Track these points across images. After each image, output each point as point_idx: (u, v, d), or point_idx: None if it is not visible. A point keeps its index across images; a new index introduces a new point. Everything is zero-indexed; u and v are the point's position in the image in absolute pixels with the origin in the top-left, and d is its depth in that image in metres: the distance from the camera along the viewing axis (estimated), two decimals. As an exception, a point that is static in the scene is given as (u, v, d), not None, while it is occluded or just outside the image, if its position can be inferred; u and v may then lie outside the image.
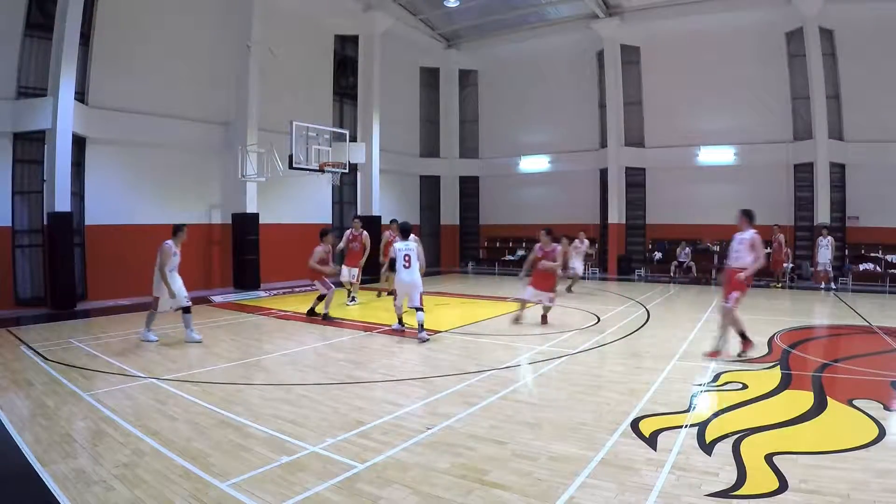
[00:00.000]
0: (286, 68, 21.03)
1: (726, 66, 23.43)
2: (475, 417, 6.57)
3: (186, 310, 11.05)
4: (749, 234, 9.55)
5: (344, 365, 9.31)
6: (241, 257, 19.12)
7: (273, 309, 15.06)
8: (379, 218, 24.01)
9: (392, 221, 16.27)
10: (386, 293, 17.07)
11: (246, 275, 19.07)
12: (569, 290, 18.11)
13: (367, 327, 12.71)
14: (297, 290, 18.91)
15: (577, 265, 18.62)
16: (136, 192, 17.44)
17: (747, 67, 23.16)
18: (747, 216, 9.80)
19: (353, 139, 22.96)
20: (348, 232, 16.41)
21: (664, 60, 24.84)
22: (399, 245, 11.58)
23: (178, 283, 11.06)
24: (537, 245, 12.57)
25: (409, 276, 11.47)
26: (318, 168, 17.64)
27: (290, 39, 21.45)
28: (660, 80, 25.05)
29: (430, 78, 29.52)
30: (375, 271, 19.06)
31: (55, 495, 4.60)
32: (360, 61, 24.72)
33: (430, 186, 29.66)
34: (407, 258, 11.45)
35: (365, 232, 16.36)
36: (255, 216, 19.34)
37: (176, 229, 11.24)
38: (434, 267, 28.30)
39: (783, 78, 22.79)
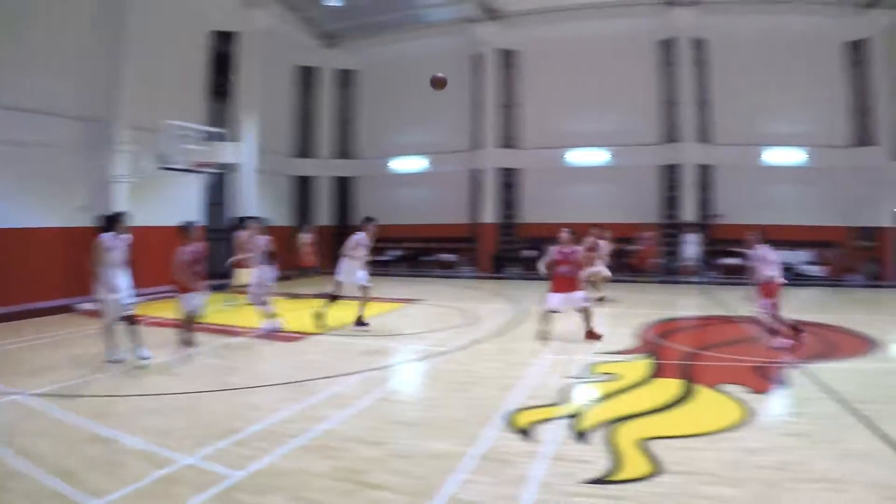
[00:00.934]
0: (160, 64, 20.09)
1: (602, 71, 24.28)
2: (352, 419, 6.47)
3: (130, 320, 9.68)
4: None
5: (217, 371, 8.95)
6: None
7: (144, 315, 14.35)
8: (254, 219, 23.32)
9: (251, 219, 15.63)
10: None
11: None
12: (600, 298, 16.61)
13: (239, 332, 12.29)
14: (165, 295, 18.16)
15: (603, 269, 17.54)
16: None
17: (622, 72, 24.13)
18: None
19: (227, 138, 22.28)
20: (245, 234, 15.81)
21: (542, 65, 25.43)
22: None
23: (120, 283, 9.68)
24: (554, 248, 11.21)
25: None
26: (190, 168, 16.98)
27: (165, 33, 20.50)
28: (537, 84, 25.61)
29: (309, 77, 29.02)
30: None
31: None
32: (237, 59, 23.98)
33: (302, 187, 29.18)
34: None
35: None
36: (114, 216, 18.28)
37: (112, 219, 10.20)
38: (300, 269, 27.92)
39: (655, 83, 23.98)
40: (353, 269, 12.17)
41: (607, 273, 16.14)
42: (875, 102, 22.19)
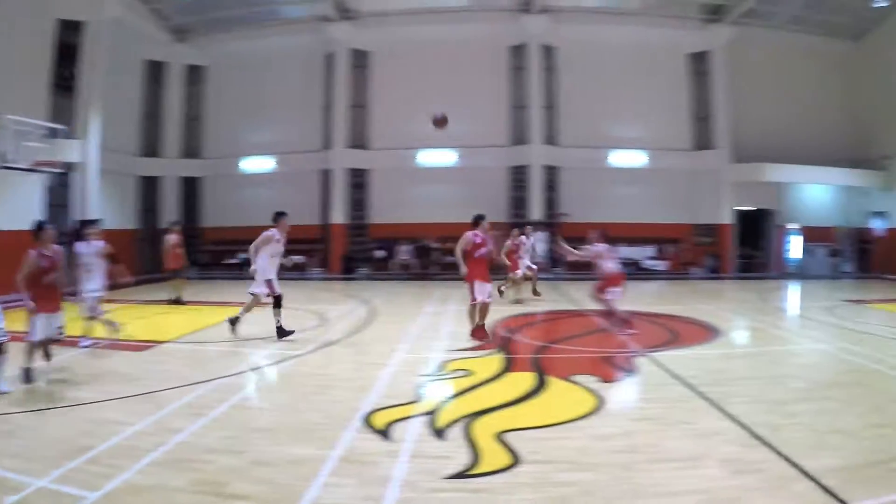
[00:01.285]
0: (0, 55, 18.69)
1: (453, 74, 24.65)
2: (208, 429, 6.20)
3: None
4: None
5: (60, 385, 8.42)
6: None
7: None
8: (96, 222, 22.16)
9: (90, 223, 14.58)
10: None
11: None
12: (535, 292, 16.72)
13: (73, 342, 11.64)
14: (11, 305, 16.94)
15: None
16: None
17: (473, 76, 24.66)
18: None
19: (72, 136, 20.96)
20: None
21: (393, 65, 25.53)
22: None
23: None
24: (471, 232, 10.84)
25: None
26: (30, 167, 15.88)
27: (5, 20, 19.01)
28: (387, 84, 25.68)
29: (156, 72, 27.62)
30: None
31: None
32: (84, 51, 22.59)
33: (149, 187, 27.93)
34: None
35: None
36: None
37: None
38: (153, 273, 26.79)
39: (505, 88, 24.77)
40: (269, 270, 11.28)
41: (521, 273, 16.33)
42: (715, 110, 24.08)
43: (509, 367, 8.42)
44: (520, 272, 16.02)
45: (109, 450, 5.67)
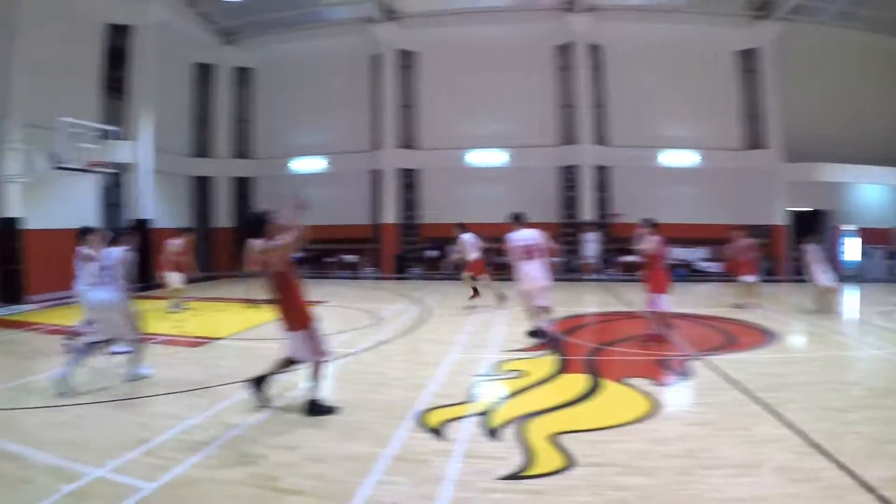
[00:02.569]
0: (53, 59, 19.15)
1: (500, 74, 24.56)
2: (263, 424, 6.32)
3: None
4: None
5: (122, 380, 8.60)
6: (3, 267, 17.15)
7: (42, 323, 13.53)
8: (149, 221, 22.71)
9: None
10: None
11: (10, 287, 17.04)
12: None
13: (142, 338, 11.86)
14: (64, 300, 17.34)
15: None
16: None
17: (520, 76, 24.50)
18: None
19: (123, 137, 21.46)
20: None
21: (440, 66, 25.53)
22: None
23: (92, 299, 8.70)
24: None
25: None
26: (84, 168, 16.28)
27: (57, 27, 19.58)
28: (435, 85, 25.69)
29: (205, 74, 28.21)
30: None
31: None
32: (133, 54, 23.15)
33: (201, 188, 28.41)
34: None
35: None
36: (20, 221, 17.39)
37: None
38: (207, 271, 27.21)
39: (552, 87, 24.50)
40: None
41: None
42: (766, 108, 23.53)
43: (563, 368, 8.35)
44: None
45: (166, 442, 5.82)
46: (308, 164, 27.38)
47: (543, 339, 10.23)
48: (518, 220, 10.71)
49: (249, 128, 28.81)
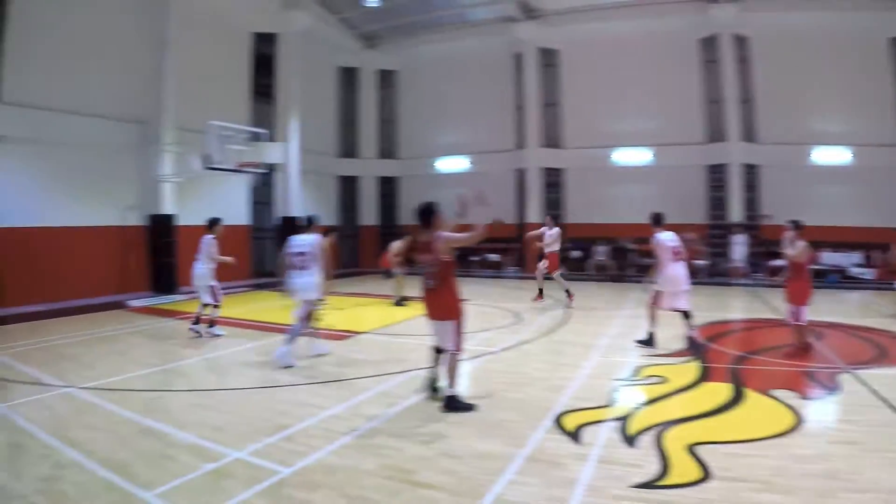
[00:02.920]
0: (203, 66, 20.48)
1: (643, 70, 23.95)
2: (399, 417, 6.53)
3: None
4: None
5: (266, 368, 9.09)
6: (157, 260, 18.42)
7: (192, 312, 14.51)
8: (297, 219, 23.71)
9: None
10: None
11: (163, 278, 18.27)
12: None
13: (287, 330, 12.44)
14: (233, 290, 18.42)
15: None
16: (48, 192, 16.63)
17: (663, 71, 23.75)
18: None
19: (271, 139, 22.56)
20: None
21: (582, 63, 25.14)
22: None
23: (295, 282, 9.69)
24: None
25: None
26: (235, 168, 17.21)
27: (207, 36, 20.87)
28: (578, 83, 25.33)
29: (349, 78, 29.23)
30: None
31: None
32: (278, 60, 24.33)
33: (348, 187, 29.38)
34: None
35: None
36: (173, 217, 18.67)
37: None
38: (352, 268, 28.08)
39: (698, 82, 23.49)
40: None
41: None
42: None
43: (705, 376, 8.10)
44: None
45: (305, 430, 6.15)
46: (451, 164, 27.80)
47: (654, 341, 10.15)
48: (658, 222, 10.53)
49: (394, 129, 29.58)
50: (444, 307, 6.97)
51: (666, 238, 10.28)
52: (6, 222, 15.64)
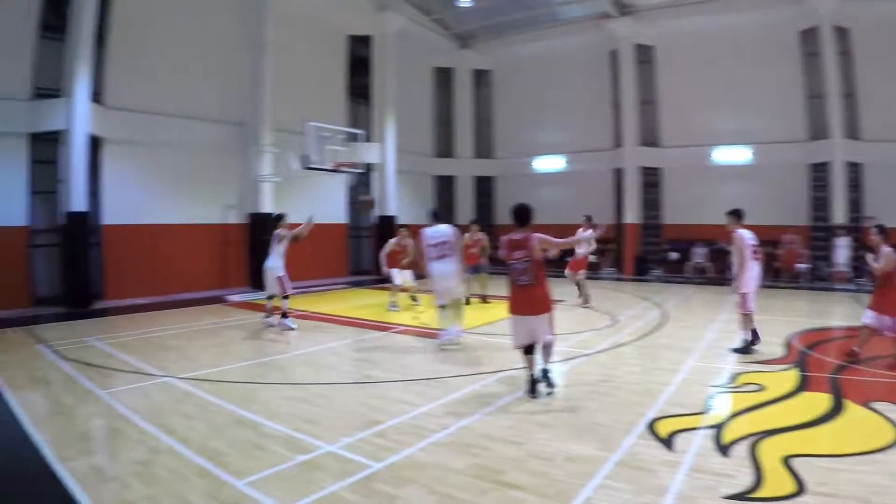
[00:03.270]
0: (300, 68, 21.15)
1: (741, 65, 23.19)
2: (491, 417, 6.58)
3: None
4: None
5: (360, 364, 9.36)
6: (257, 257, 19.00)
7: (291, 308, 14.97)
8: (393, 218, 24.12)
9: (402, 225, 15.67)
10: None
11: (261, 275, 18.83)
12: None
13: (384, 327, 12.74)
14: (313, 289, 18.93)
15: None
16: (152, 191, 17.60)
17: (762, 66, 22.90)
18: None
19: (368, 139, 23.01)
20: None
21: (679, 59, 24.64)
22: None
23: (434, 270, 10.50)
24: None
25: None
26: (332, 168, 17.65)
27: (304, 39, 21.58)
28: (675, 79, 24.84)
29: (444, 78, 29.52)
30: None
31: (71, 492, 4.69)
32: (373, 61, 24.79)
33: (444, 187, 29.66)
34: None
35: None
36: (269, 217, 19.18)
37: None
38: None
39: (798, 76, 22.52)
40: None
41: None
42: None
43: (804, 385, 7.86)
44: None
45: (396, 426, 6.28)
46: (547, 164, 27.74)
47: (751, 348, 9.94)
48: (739, 217, 10.24)
49: (489, 128, 29.67)
50: (541, 301, 7.39)
51: (747, 235, 10.02)
52: (112, 220, 16.54)
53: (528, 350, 7.46)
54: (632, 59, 25.16)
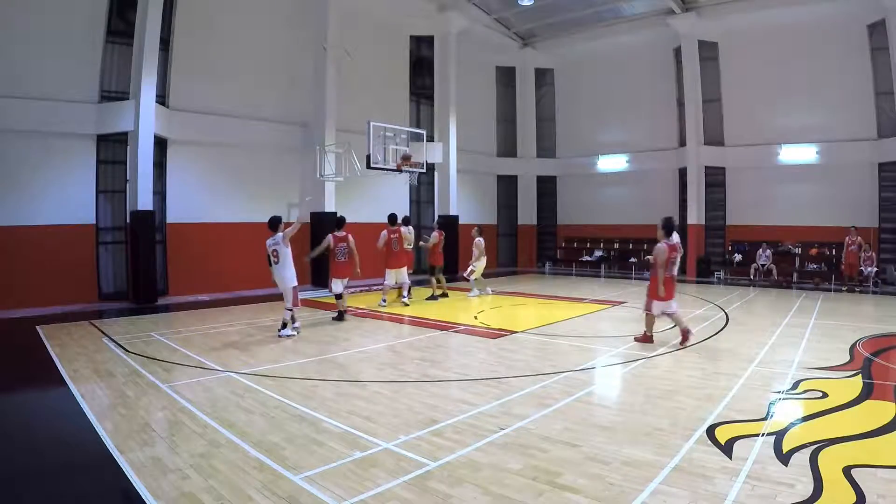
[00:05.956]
0: (363, 69, 21.38)
1: (806, 61, 22.57)
2: (549, 419, 6.56)
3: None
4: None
5: (419, 363, 9.42)
6: (319, 256, 19.21)
7: (350, 307, 15.13)
8: (456, 217, 24.19)
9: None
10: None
11: (323, 273, 19.02)
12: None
13: (444, 326, 12.80)
14: (375, 287, 19.07)
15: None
16: (215, 191, 18.09)
17: (828, 61, 22.21)
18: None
19: (430, 139, 23.13)
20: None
21: (742, 56, 24.13)
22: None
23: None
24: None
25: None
26: (395, 168, 17.79)
27: (366, 40, 21.80)
28: (738, 76, 24.34)
29: (506, 77, 29.51)
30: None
31: (132, 482, 4.87)
32: (435, 61, 24.92)
33: (507, 186, 29.62)
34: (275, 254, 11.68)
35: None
36: (333, 215, 19.36)
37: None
38: (510, 267, 28.29)
39: (866, 72, 21.70)
40: None
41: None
42: None
43: (868, 393, 7.60)
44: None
45: (454, 425, 6.30)
46: (610, 163, 27.51)
47: None
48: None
49: (552, 127, 29.49)
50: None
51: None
52: (176, 218, 17.03)
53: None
54: (695, 56, 24.73)
